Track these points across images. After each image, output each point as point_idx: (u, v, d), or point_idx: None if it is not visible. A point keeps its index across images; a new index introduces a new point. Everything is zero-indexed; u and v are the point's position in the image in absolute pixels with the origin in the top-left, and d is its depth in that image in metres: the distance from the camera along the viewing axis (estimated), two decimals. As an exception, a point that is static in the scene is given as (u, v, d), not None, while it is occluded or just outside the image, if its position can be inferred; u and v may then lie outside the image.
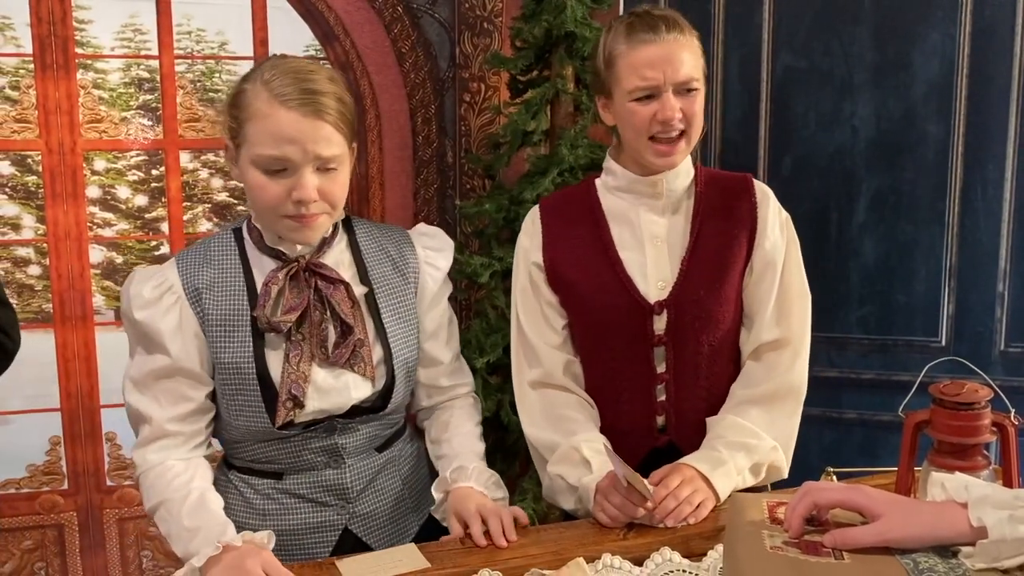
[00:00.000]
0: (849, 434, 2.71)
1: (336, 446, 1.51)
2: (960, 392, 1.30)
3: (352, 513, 1.55)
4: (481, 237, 2.61)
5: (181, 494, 1.42)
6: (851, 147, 2.65)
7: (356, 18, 2.68)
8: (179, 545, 1.37)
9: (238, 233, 1.51)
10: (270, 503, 1.52)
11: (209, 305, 1.45)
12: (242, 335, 1.45)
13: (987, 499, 1.00)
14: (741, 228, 1.65)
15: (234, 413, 1.47)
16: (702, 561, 1.35)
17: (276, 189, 1.38)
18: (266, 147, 1.36)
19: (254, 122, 1.37)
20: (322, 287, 1.46)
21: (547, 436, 1.65)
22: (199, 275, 1.46)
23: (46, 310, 2.67)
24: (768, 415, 1.61)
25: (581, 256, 1.67)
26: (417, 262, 1.59)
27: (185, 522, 1.37)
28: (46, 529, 2.76)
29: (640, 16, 1.59)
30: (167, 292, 1.45)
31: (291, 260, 1.47)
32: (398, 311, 1.54)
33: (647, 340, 1.64)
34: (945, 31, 2.56)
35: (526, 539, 1.41)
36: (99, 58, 2.64)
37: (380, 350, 1.51)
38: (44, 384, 2.67)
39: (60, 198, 2.63)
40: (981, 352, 2.63)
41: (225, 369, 1.45)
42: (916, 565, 0.99)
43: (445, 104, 2.77)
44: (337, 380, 1.47)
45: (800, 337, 1.65)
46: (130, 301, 1.45)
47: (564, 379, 1.70)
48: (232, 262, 1.48)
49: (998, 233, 2.62)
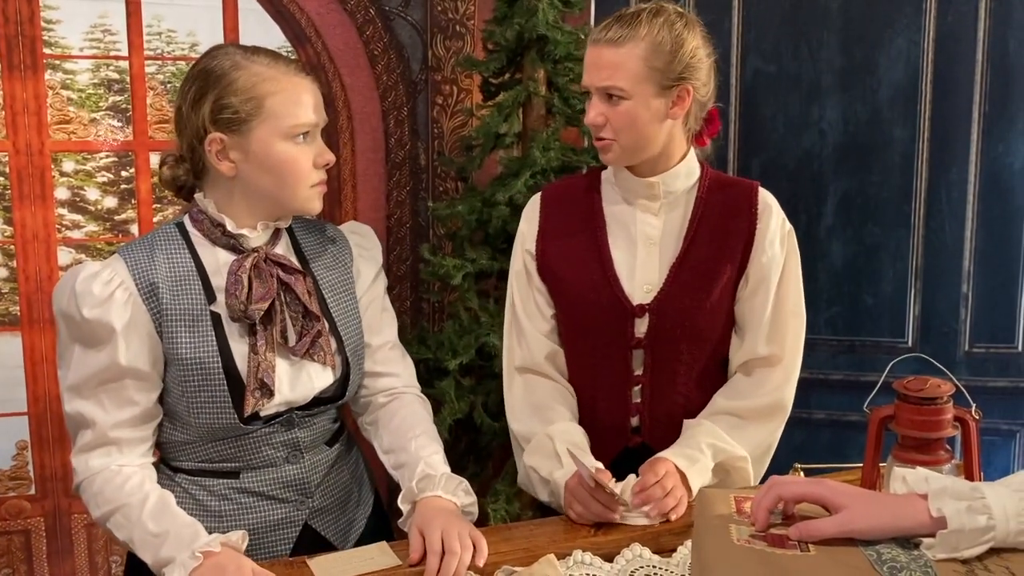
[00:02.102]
0: (818, 434, 2.74)
1: (296, 440, 1.51)
2: (923, 388, 1.32)
3: (311, 508, 1.54)
4: (454, 239, 2.62)
5: (138, 498, 1.37)
6: (819, 150, 2.69)
7: (328, 20, 2.68)
8: (147, 552, 1.34)
9: (181, 227, 1.49)
10: (226, 503, 1.49)
11: (166, 300, 1.41)
12: (203, 328, 1.42)
13: (946, 490, 1.03)
14: (737, 239, 1.63)
15: (195, 410, 1.43)
16: (672, 557, 1.36)
17: (306, 158, 1.44)
18: (299, 116, 1.42)
19: (277, 96, 1.40)
20: (283, 277, 1.47)
21: (525, 425, 1.66)
22: (151, 270, 1.42)
23: (13, 313, 2.64)
24: (747, 428, 1.60)
25: (573, 250, 1.67)
26: (351, 253, 1.61)
27: (150, 526, 1.34)
28: (12, 535, 2.72)
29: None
30: (118, 288, 1.39)
31: (250, 251, 1.46)
32: (341, 299, 1.55)
33: (626, 341, 1.64)
34: (910, 37, 2.61)
35: (497, 536, 1.42)
36: (68, 59, 2.61)
37: (333, 339, 1.52)
38: (11, 388, 2.63)
39: (28, 199, 2.60)
40: (947, 352, 2.68)
41: (185, 365, 1.41)
42: (879, 556, 1.00)
43: (417, 106, 2.78)
44: (300, 371, 1.47)
45: (793, 356, 1.64)
46: (77, 299, 1.38)
47: (547, 367, 1.70)
48: (182, 256, 1.45)
49: (962, 235, 2.67)
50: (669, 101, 1.56)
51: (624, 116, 1.54)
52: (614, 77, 1.53)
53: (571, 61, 2.51)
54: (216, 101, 1.40)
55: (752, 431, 1.61)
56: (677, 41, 1.54)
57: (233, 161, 1.43)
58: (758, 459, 1.62)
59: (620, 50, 1.52)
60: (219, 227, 1.46)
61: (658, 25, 1.54)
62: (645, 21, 1.53)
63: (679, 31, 1.55)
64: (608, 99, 1.55)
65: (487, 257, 2.54)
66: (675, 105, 1.57)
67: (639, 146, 1.58)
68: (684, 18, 1.58)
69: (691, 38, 1.57)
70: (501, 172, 2.55)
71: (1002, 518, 0.99)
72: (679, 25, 1.55)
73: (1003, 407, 2.71)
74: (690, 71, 1.56)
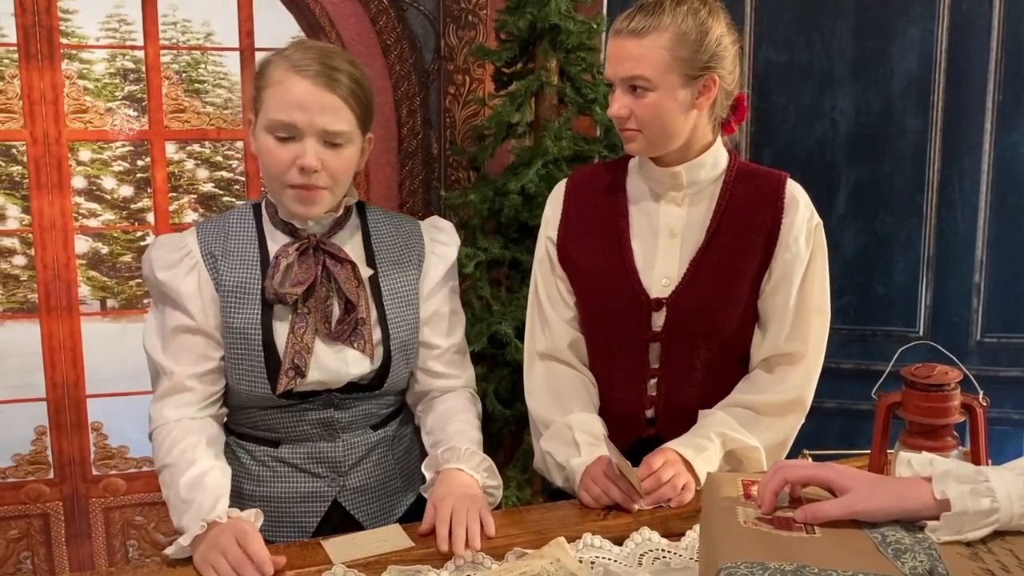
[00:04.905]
0: (828, 423, 2.75)
1: (332, 419, 1.55)
2: (931, 374, 1.33)
3: (343, 486, 1.58)
4: (466, 228, 2.63)
5: (185, 460, 1.44)
6: (831, 140, 2.69)
7: (341, 10, 2.70)
8: (174, 515, 1.42)
9: (256, 208, 1.57)
10: (264, 469, 1.57)
11: (224, 271, 1.50)
12: (252, 303, 1.50)
13: (950, 473, 1.03)
14: (761, 233, 1.58)
15: (237, 378, 1.51)
16: (680, 541, 1.37)
17: (283, 155, 1.43)
18: (278, 112, 1.42)
19: (270, 88, 1.44)
20: (330, 265, 1.51)
21: (545, 411, 1.66)
22: (216, 242, 1.52)
23: (31, 300, 2.67)
24: (761, 422, 1.58)
25: (593, 240, 1.65)
26: (423, 251, 1.62)
27: (182, 493, 1.40)
28: (32, 518, 2.77)
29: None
30: (186, 256, 1.51)
31: (303, 236, 1.52)
32: (400, 295, 1.58)
33: (643, 334, 1.62)
34: (923, 26, 2.60)
35: (508, 520, 1.44)
36: (84, 48, 2.64)
37: (379, 330, 1.55)
38: (30, 374, 2.67)
39: (45, 188, 2.63)
40: (958, 342, 2.68)
41: (233, 334, 1.50)
42: (884, 538, 1.01)
43: (430, 96, 2.79)
44: (337, 355, 1.51)
45: (815, 354, 1.61)
46: (152, 263, 1.50)
47: (569, 354, 1.70)
48: (248, 234, 1.54)
49: (975, 225, 2.67)
50: (695, 91, 1.52)
51: (650, 108, 1.52)
52: (639, 68, 1.50)
53: (583, 50, 2.52)
54: (254, 80, 1.50)
55: (766, 425, 1.59)
56: (702, 30, 1.51)
57: None
58: (771, 453, 1.59)
59: (644, 40, 1.50)
60: (274, 211, 1.54)
61: (682, 14, 1.50)
62: (669, 10, 1.50)
63: (703, 19, 1.51)
64: (632, 91, 1.52)
65: (499, 246, 2.55)
66: (701, 95, 1.53)
67: (664, 137, 1.55)
68: (708, 5, 1.54)
69: (716, 26, 1.53)
70: (513, 161, 2.57)
71: (1006, 501, 1.00)
72: (703, 13, 1.52)
73: (1015, 396, 2.71)
74: (716, 60, 1.53)
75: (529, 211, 2.49)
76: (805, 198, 1.61)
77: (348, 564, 1.29)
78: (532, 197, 2.47)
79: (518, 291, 2.56)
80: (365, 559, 1.31)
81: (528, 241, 2.52)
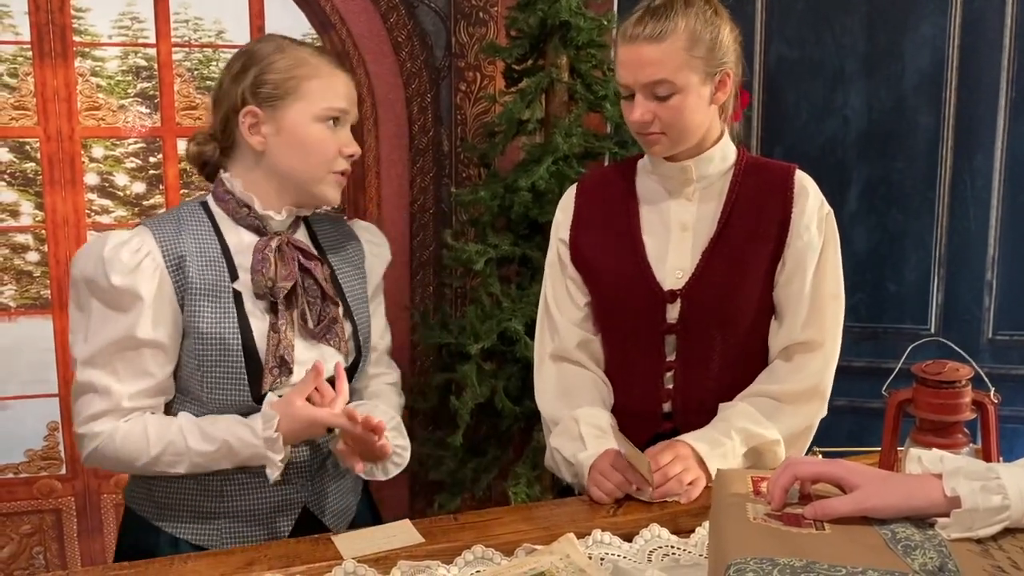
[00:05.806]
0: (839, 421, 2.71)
1: None
2: (942, 371, 1.33)
3: (310, 491, 1.56)
4: (476, 225, 2.64)
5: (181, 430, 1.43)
6: (842, 137, 2.68)
7: (352, 7, 2.70)
8: (224, 463, 1.44)
9: (205, 206, 1.52)
10: (228, 484, 1.49)
11: (192, 274, 1.43)
12: (224, 305, 1.44)
13: (961, 470, 1.03)
14: (773, 223, 1.60)
15: (209, 386, 1.45)
16: (690, 537, 1.37)
17: (335, 142, 1.49)
18: (335, 101, 1.48)
19: (316, 79, 1.47)
20: (303, 262, 1.51)
21: (554, 409, 1.68)
22: (178, 243, 1.44)
23: (44, 296, 2.69)
24: (783, 411, 1.59)
25: (606, 238, 1.67)
26: (363, 251, 1.65)
27: (222, 435, 1.42)
28: (44, 514, 2.78)
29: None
30: (146, 258, 1.41)
31: (272, 233, 1.50)
32: (356, 291, 1.60)
33: (658, 327, 1.64)
34: (936, 22, 2.59)
35: (517, 516, 1.44)
36: (97, 46, 2.65)
37: (349, 326, 1.56)
38: (42, 370, 2.69)
39: (58, 185, 2.65)
40: (970, 339, 2.67)
41: (204, 339, 1.43)
42: (894, 535, 1.01)
43: (441, 93, 2.79)
44: (316, 353, 1.50)
45: (832, 341, 1.62)
46: (105, 265, 1.38)
47: (579, 354, 1.71)
48: (207, 232, 1.48)
49: (987, 222, 2.65)
50: (712, 88, 1.57)
51: (674, 110, 1.54)
52: (661, 72, 1.52)
53: (594, 47, 2.51)
54: (257, 76, 1.46)
55: (788, 413, 1.59)
56: (713, 28, 1.55)
57: (264, 136, 1.47)
58: (792, 443, 1.60)
59: (662, 45, 1.51)
60: (245, 207, 1.49)
61: (692, 15, 1.54)
62: (681, 12, 1.53)
63: (711, 17, 1.56)
64: (654, 96, 1.54)
65: (509, 243, 2.56)
66: (718, 91, 1.57)
67: (686, 135, 1.58)
68: (711, 4, 1.58)
69: (723, 23, 1.58)
70: (523, 158, 2.57)
71: (1017, 498, 0.99)
72: (710, 11, 1.56)
73: (1027, 395, 2.70)
74: (728, 56, 1.58)
75: (539, 208, 2.49)
76: (815, 187, 1.64)
77: (359, 559, 1.30)
78: (542, 194, 2.47)
79: (528, 288, 2.56)
80: (375, 554, 1.32)
81: (538, 238, 2.52)
